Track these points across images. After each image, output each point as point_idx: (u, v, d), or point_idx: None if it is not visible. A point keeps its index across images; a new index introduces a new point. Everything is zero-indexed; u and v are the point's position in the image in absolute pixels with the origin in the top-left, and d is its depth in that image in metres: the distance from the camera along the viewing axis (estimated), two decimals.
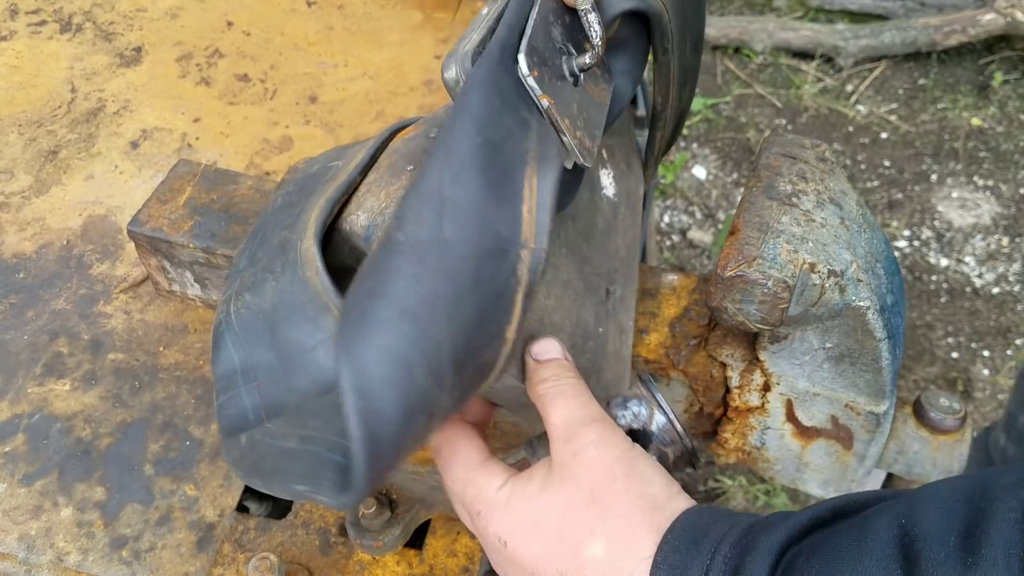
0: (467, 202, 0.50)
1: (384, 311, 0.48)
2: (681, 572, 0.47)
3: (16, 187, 1.06)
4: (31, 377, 0.91)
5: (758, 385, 0.76)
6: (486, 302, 0.50)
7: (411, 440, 0.50)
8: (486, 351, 0.52)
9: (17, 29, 1.23)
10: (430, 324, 0.48)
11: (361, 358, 0.47)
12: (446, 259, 0.49)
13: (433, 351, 0.48)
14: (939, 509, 0.42)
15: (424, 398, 0.48)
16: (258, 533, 0.81)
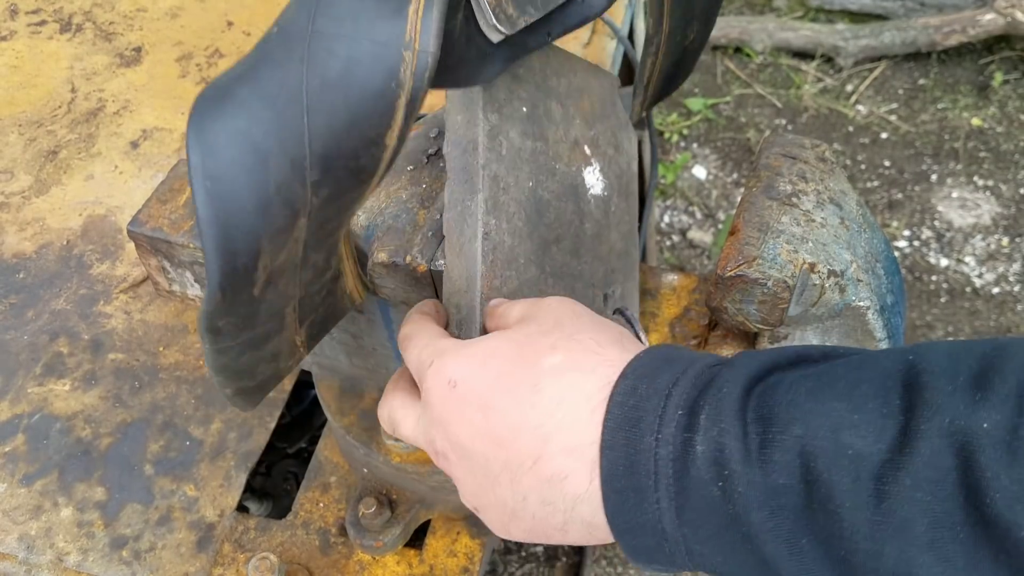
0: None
1: (244, 94, 0.47)
2: (650, 380, 0.44)
3: (16, 187, 1.06)
4: (31, 377, 0.91)
5: None
6: (359, 101, 0.48)
7: (273, 235, 0.49)
8: (361, 154, 0.50)
9: (17, 29, 1.23)
10: (290, 113, 0.47)
11: (212, 138, 0.46)
12: (315, 51, 0.48)
13: (292, 141, 0.47)
14: (950, 354, 0.39)
15: (282, 189, 0.47)
16: (258, 533, 0.81)
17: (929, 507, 0.36)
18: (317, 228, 0.52)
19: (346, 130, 0.48)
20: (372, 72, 0.48)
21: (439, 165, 0.67)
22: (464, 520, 0.81)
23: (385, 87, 0.48)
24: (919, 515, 0.36)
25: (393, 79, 0.48)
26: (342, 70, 0.48)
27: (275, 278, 0.52)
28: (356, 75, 0.48)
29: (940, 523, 0.36)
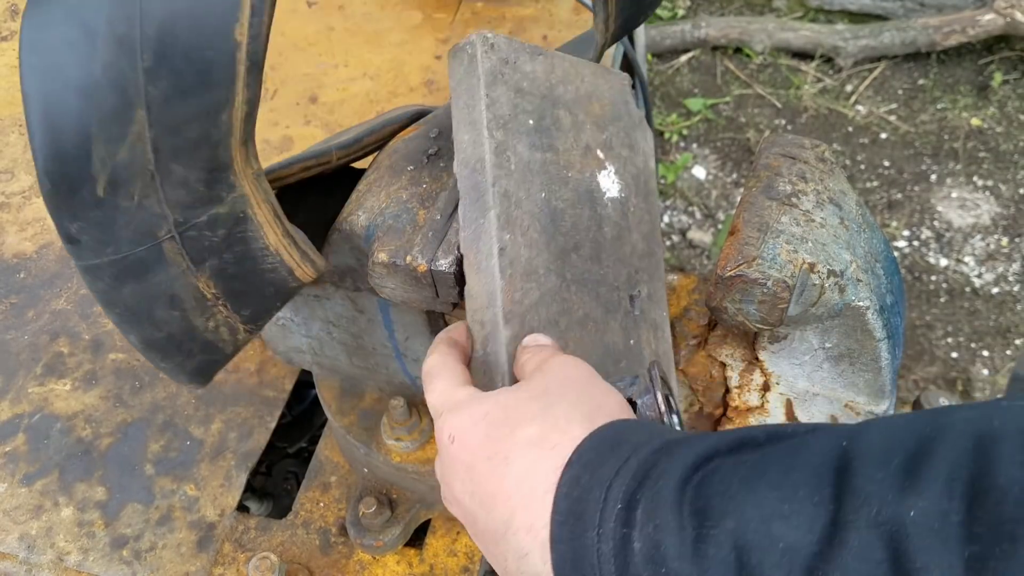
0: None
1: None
2: (592, 470, 0.44)
3: (17, 187, 1.06)
4: (32, 377, 0.91)
5: (758, 385, 0.76)
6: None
7: (102, 120, 0.46)
8: (207, 48, 0.46)
9: (17, 29, 1.24)
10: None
11: (44, 15, 0.44)
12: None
13: (121, 19, 0.45)
14: (884, 434, 0.39)
15: (109, 69, 0.45)
16: (258, 533, 0.81)
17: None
18: (166, 129, 0.48)
19: (184, 16, 0.45)
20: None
21: (439, 165, 0.67)
22: None
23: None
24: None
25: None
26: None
27: (121, 180, 0.48)
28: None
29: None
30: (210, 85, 0.47)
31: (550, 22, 1.24)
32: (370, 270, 0.63)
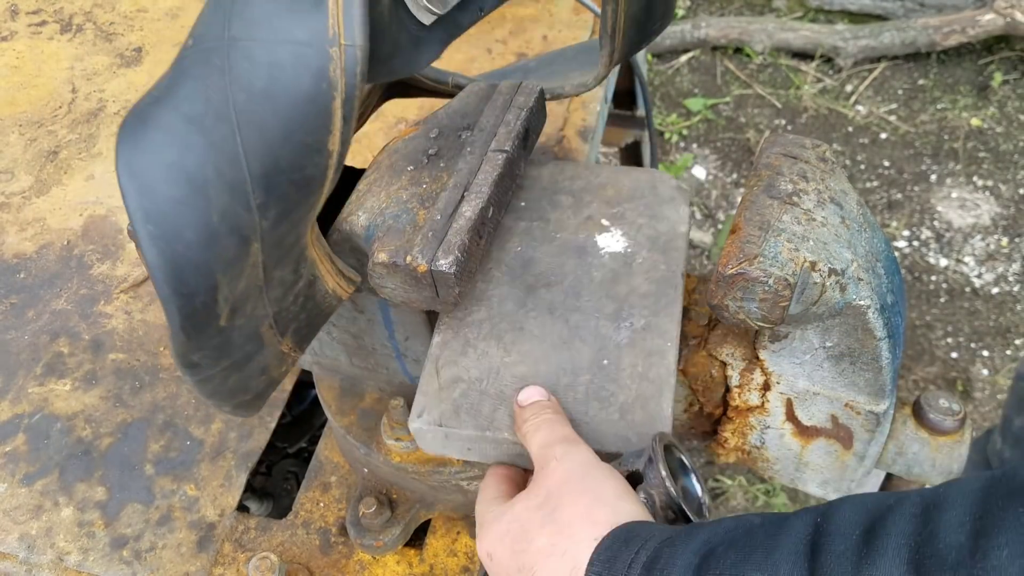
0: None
1: (168, 120, 0.44)
2: (610, 564, 0.50)
3: (17, 187, 1.06)
4: (32, 377, 0.91)
5: (758, 384, 0.76)
6: (291, 109, 0.45)
7: (226, 266, 0.46)
8: (305, 165, 0.46)
9: (18, 29, 1.23)
10: (220, 134, 0.44)
11: (145, 175, 0.43)
12: (235, 60, 0.44)
13: (228, 165, 0.44)
14: (853, 508, 0.44)
15: (226, 217, 0.44)
16: (258, 533, 0.81)
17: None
18: (273, 248, 0.49)
19: (282, 143, 0.45)
20: (298, 76, 0.45)
21: (439, 165, 0.67)
22: (464, 520, 0.82)
23: (316, 90, 0.45)
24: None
25: (323, 80, 0.45)
26: (266, 78, 0.44)
27: (240, 306, 0.49)
28: (282, 81, 0.44)
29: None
30: (308, 197, 0.48)
31: (550, 22, 1.24)
32: (370, 270, 0.63)
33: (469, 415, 0.64)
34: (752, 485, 1.86)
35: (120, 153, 0.43)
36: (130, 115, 0.45)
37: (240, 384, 0.54)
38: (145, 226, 0.43)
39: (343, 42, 0.45)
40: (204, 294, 0.46)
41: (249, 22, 0.45)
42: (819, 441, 0.77)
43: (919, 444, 0.80)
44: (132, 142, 0.44)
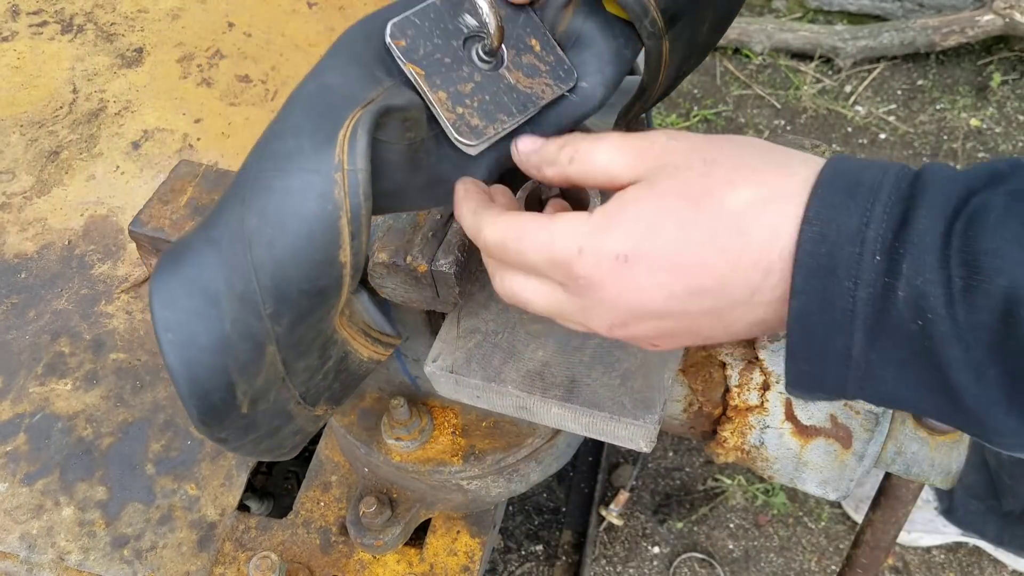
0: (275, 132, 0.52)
1: (197, 243, 0.51)
2: (837, 224, 0.44)
3: (18, 187, 1.06)
4: (33, 377, 0.91)
5: (757, 384, 0.76)
6: (298, 228, 0.50)
7: (241, 368, 0.51)
8: (317, 277, 0.51)
9: (19, 30, 1.24)
10: (232, 251, 0.49)
11: (169, 289, 0.50)
12: (255, 189, 0.50)
13: (240, 278, 0.49)
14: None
15: (237, 325, 0.50)
16: (259, 532, 0.81)
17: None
18: (291, 347, 0.53)
19: (292, 258, 0.50)
20: (305, 198, 0.50)
21: None
22: (464, 519, 0.82)
23: (321, 210, 0.50)
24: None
25: (328, 202, 0.50)
26: (278, 201, 0.50)
27: (261, 396, 0.53)
28: (290, 204, 0.50)
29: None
30: (324, 302, 0.53)
31: None
32: (370, 270, 0.63)
33: (480, 365, 0.67)
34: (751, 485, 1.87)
35: (156, 272, 0.50)
36: (174, 242, 0.52)
37: (274, 445, 0.59)
38: (165, 334, 0.49)
39: (346, 167, 0.50)
40: (221, 391, 0.51)
41: (275, 157, 0.52)
42: (818, 441, 0.78)
43: (918, 444, 0.80)
44: (167, 262, 0.51)
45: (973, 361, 0.42)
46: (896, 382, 0.45)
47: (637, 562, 1.80)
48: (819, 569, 1.80)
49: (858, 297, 0.44)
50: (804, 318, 0.45)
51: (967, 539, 1.80)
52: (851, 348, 0.45)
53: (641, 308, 0.48)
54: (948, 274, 0.42)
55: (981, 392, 0.43)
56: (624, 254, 0.47)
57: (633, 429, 0.65)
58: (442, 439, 0.76)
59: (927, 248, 0.42)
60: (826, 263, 0.44)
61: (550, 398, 0.66)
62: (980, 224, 0.42)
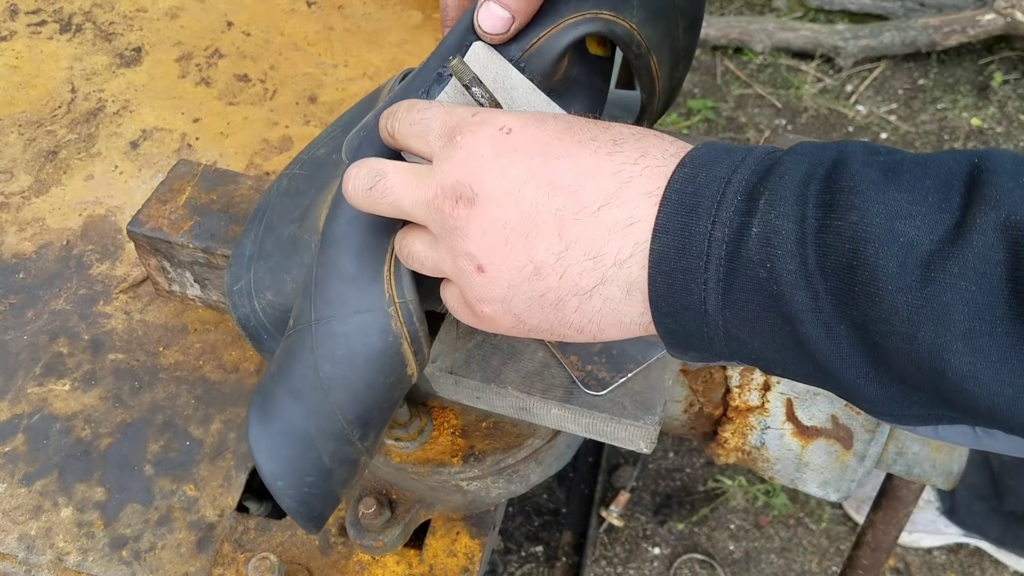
0: (322, 277, 0.57)
1: (279, 395, 0.56)
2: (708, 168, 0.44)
3: (16, 187, 1.06)
4: (31, 377, 0.91)
5: (758, 384, 0.76)
6: (367, 364, 0.56)
7: (343, 483, 0.58)
8: (391, 396, 0.58)
9: (17, 29, 1.23)
10: (316, 400, 0.55)
11: (268, 445, 0.56)
12: (319, 336, 0.56)
13: (327, 421, 0.56)
14: (1014, 159, 0.39)
15: (335, 456, 0.56)
16: (258, 533, 0.81)
17: (972, 297, 0.36)
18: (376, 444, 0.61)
19: (367, 391, 0.56)
20: (367, 338, 0.55)
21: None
22: (464, 520, 0.81)
23: (384, 344, 0.56)
24: (960, 304, 0.36)
25: (389, 334, 0.56)
26: (344, 346, 0.55)
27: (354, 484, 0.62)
28: (355, 346, 0.55)
29: (980, 314, 0.36)
30: (395, 406, 0.60)
31: None
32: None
33: (479, 366, 0.67)
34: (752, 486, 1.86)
35: (250, 427, 0.57)
36: (256, 394, 0.58)
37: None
38: (275, 482, 0.56)
39: (397, 301, 0.56)
40: (332, 505, 0.59)
41: (326, 303, 0.56)
42: (819, 441, 0.77)
43: (919, 444, 0.80)
44: (257, 417, 0.57)
45: (822, 312, 0.40)
46: (754, 340, 0.43)
47: (637, 563, 1.80)
48: (820, 570, 1.79)
49: (713, 237, 0.42)
50: (663, 262, 0.43)
51: (968, 540, 1.80)
52: (706, 303, 0.43)
53: (491, 181, 0.47)
54: (803, 211, 0.40)
55: (833, 351, 0.41)
56: (509, 128, 0.47)
57: (633, 430, 0.65)
58: (442, 440, 0.75)
59: (786, 186, 0.41)
60: (690, 201, 0.43)
61: (550, 399, 0.66)
62: (842, 169, 0.41)
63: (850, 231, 0.39)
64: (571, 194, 0.45)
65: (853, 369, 0.41)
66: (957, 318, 0.37)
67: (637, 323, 0.46)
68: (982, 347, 0.36)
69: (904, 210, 0.38)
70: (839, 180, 0.41)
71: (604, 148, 0.46)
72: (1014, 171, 0.38)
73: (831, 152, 0.43)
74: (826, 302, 0.40)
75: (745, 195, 0.42)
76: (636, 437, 0.65)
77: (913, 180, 0.39)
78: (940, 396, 0.40)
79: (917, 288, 0.37)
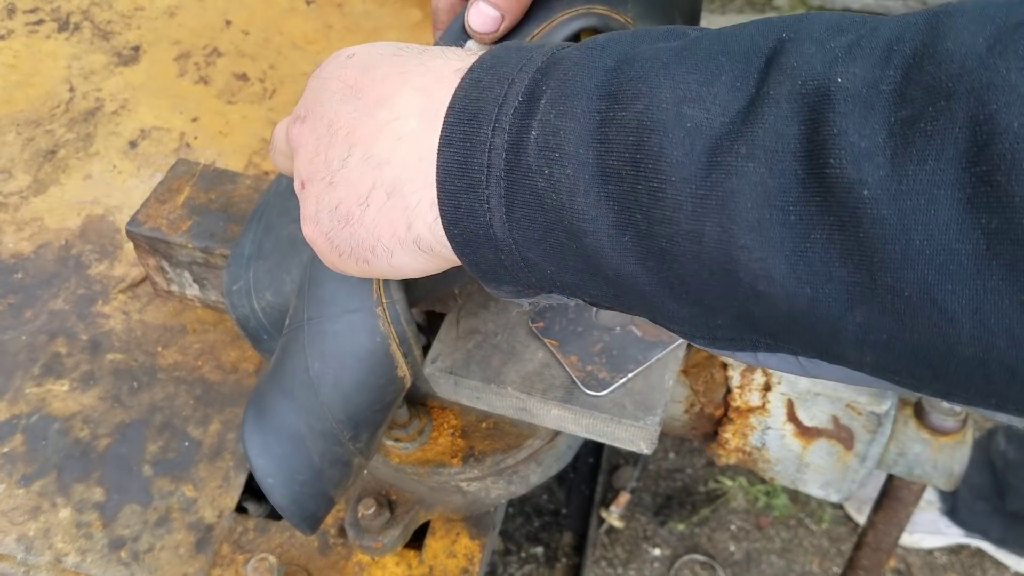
0: (314, 277, 0.57)
1: (271, 393, 0.57)
2: (495, 71, 0.39)
3: (14, 187, 1.06)
4: (29, 377, 0.90)
5: (759, 385, 0.76)
6: (357, 363, 0.56)
7: (336, 485, 0.58)
8: (382, 396, 0.57)
9: (15, 28, 1.23)
10: (305, 398, 0.56)
11: (261, 441, 0.56)
12: (310, 336, 0.56)
13: (317, 419, 0.56)
14: (827, 23, 0.33)
15: (325, 457, 0.57)
16: (257, 534, 0.80)
17: (761, 181, 0.31)
18: (372, 449, 0.61)
19: (357, 391, 0.56)
20: (355, 337, 0.55)
21: None
22: (464, 521, 0.81)
23: (372, 344, 0.56)
24: (748, 190, 0.31)
25: (377, 335, 0.56)
26: (333, 345, 0.55)
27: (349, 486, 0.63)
28: (344, 345, 0.55)
29: (770, 199, 0.31)
30: (392, 408, 0.59)
31: None
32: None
33: (479, 366, 0.67)
34: (753, 486, 1.86)
35: (245, 424, 0.57)
36: (254, 391, 0.59)
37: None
38: (266, 479, 0.56)
39: (384, 301, 0.56)
40: (325, 506, 0.59)
41: (318, 302, 0.56)
42: (820, 442, 0.77)
43: (921, 445, 0.80)
44: (252, 414, 0.58)
45: (605, 223, 0.35)
46: (549, 263, 0.38)
47: (638, 564, 1.79)
48: (821, 571, 1.79)
49: (493, 146, 0.37)
50: (448, 181, 0.38)
51: (969, 541, 1.80)
52: (492, 225, 0.38)
53: (322, 93, 0.45)
54: (587, 105, 0.35)
55: (622, 265, 0.35)
56: (354, 52, 0.46)
57: (634, 431, 0.65)
58: (441, 440, 0.75)
59: (570, 80, 0.36)
60: (472, 107, 0.38)
61: (550, 399, 0.65)
62: (632, 56, 0.36)
63: (634, 122, 0.34)
64: (362, 98, 0.43)
65: (648, 286, 0.36)
66: (745, 206, 0.31)
67: (412, 240, 0.42)
68: (774, 238, 0.31)
69: (694, 92, 0.33)
70: (628, 69, 0.35)
71: (407, 56, 0.43)
72: (821, 34, 0.32)
73: (623, 43, 0.37)
74: (607, 209, 0.35)
75: (527, 95, 0.37)
76: (637, 437, 0.65)
77: (707, 59, 0.34)
78: (740, 313, 0.34)
79: (702, 176, 0.32)
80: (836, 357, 0.34)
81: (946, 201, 0.27)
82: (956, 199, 0.27)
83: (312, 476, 0.57)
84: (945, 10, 0.30)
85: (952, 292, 0.28)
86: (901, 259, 0.28)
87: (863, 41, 0.31)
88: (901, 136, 0.28)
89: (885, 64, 0.30)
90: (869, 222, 0.29)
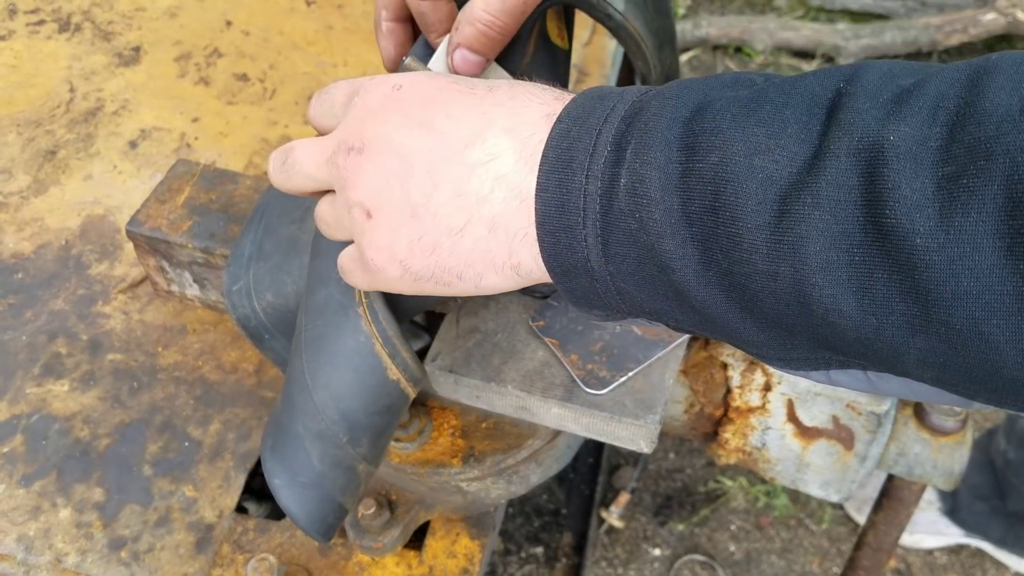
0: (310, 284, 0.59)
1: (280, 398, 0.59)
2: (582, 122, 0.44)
3: (15, 187, 1.06)
4: (29, 378, 0.90)
5: (759, 385, 0.76)
6: (344, 362, 0.57)
7: (344, 487, 0.59)
8: (379, 399, 0.58)
9: (16, 29, 1.23)
10: (303, 401, 0.57)
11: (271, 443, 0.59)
12: (304, 341, 0.58)
13: (312, 420, 0.57)
14: (884, 73, 0.37)
15: (324, 459, 0.58)
16: (257, 534, 0.80)
17: (827, 227, 0.35)
18: (379, 456, 0.61)
19: (348, 391, 0.57)
20: (341, 337, 0.57)
21: None
22: (464, 521, 0.81)
23: (356, 343, 0.57)
24: (816, 235, 0.35)
25: (360, 334, 0.57)
26: (324, 346, 0.57)
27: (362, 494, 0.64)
28: (331, 345, 0.57)
29: (836, 244, 0.35)
30: (396, 414, 0.61)
31: None
32: None
33: (479, 365, 0.67)
34: (753, 486, 1.86)
35: (266, 426, 0.60)
36: (271, 416, 0.62)
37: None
38: (272, 479, 0.58)
39: (364, 300, 0.57)
40: (334, 512, 0.59)
41: (313, 308, 0.58)
42: (820, 442, 0.77)
43: (921, 445, 0.80)
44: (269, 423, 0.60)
45: (690, 259, 0.39)
46: (641, 293, 0.43)
47: (638, 564, 1.79)
48: (821, 571, 1.79)
49: (588, 192, 0.42)
50: (547, 222, 0.43)
51: (970, 541, 1.80)
52: (589, 259, 0.43)
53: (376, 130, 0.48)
54: (668, 156, 0.40)
55: (707, 297, 0.40)
56: (400, 84, 0.49)
57: (634, 430, 0.65)
58: (441, 440, 0.75)
59: (651, 131, 0.41)
60: (565, 156, 0.43)
61: (550, 398, 0.65)
62: (705, 108, 0.40)
63: (711, 173, 0.38)
64: (441, 136, 0.46)
65: (729, 315, 0.40)
66: (814, 249, 0.36)
67: (509, 265, 0.46)
68: (840, 278, 0.35)
69: (763, 144, 0.37)
70: (702, 121, 0.40)
71: (478, 94, 0.47)
72: (875, 88, 0.36)
73: (696, 92, 0.41)
74: (692, 249, 0.39)
75: (614, 145, 0.42)
76: (637, 436, 0.65)
77: (774, 112, 0.38)
78: (814, 336, 0.39)
79: (774, 223, 0.36)
80: (902, 373, 0.38)
81: (989, 249, 0.32)
82: (997, 247, 0.31)
83: (314, 478, 0.58)
84: (985, 67, 0.34)
85: (997, 326, 0.32)
86: (951, 298, 0.33)
87: (912, 98, 0.35)
88: (947, 190, 0.33)
89: (932, 122, 0.34)
90: (923, 267, 0.33)
